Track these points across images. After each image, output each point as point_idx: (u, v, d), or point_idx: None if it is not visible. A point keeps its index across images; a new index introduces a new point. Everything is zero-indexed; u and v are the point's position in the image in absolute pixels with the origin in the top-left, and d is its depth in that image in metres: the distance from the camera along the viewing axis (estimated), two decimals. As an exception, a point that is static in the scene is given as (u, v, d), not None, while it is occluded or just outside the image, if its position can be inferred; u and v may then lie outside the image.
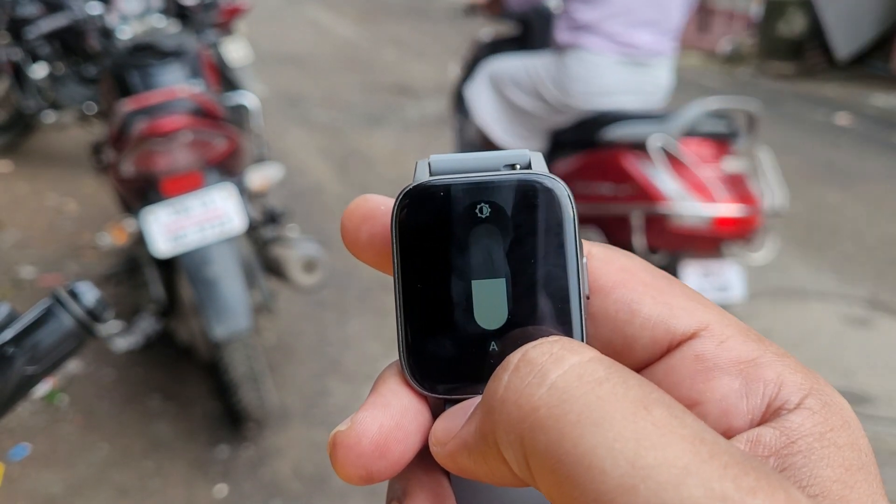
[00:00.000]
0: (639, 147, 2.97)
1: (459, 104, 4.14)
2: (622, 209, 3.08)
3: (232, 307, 2.58)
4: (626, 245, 2.99)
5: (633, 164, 3.00)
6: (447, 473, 0.36)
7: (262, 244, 3.11)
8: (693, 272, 3.09)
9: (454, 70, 4.67)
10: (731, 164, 3.02)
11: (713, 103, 3.03)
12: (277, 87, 8.39)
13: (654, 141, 2.90)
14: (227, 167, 2.81)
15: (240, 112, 3.36)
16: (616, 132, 3.09)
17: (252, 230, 2.99)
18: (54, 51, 3.95)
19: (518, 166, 0.37)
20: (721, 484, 0.23)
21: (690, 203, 2.88)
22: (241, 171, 2.98)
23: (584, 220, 3.15)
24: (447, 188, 0.35)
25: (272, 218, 3.25)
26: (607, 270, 0.36)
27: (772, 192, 2.99)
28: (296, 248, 3.06)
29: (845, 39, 9.61)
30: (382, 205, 0.38)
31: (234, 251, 2.71)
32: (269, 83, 8.09)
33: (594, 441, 0.24)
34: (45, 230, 4.69)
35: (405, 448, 0.34)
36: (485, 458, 0.30)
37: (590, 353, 0.28)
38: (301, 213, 4.82)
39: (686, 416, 0.25)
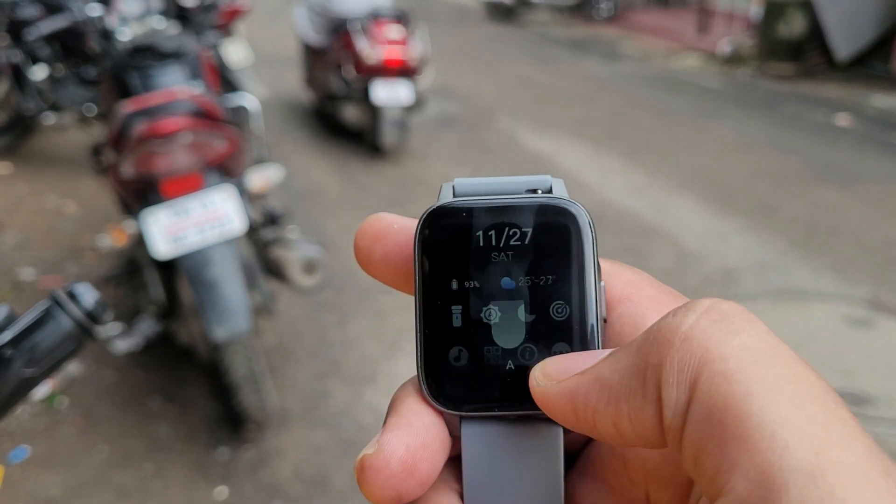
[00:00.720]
0: (354, 25, 6.06)
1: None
2: (347, 56, 6.14)
3: (232, 309, 2.58)
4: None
5: (351, 34, 6.05)
6: (458, 484, 0.36)
7: (262, 246, 3.10)
8: (381, 86, 5.89)
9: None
10: (399, 32, 5.98)
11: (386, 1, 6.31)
12: (277, 89, 8.39)
13: (356, 22, 6.08)
14: (227, 168, 2.80)
15: (240, 113, 3.36)
16: (349, 22, 6.15)
17: (252, 232, 2.99)
18: (54, 52, 3.93)
19: (540, 191, 0.38)
20: (893, 502, 0.23)
21: (372, 50, 5.89)
22: (241, 172, 2.98)
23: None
24: (470, 210, 0.36)
25: (272, 219, 3.25)
26: (614, 284, 0.37)
27: (424, 46, 6.22)
28: (296, 250, 3.06)
29: (845, 40, 9.61)
30: (395, 223, 0.38)
31: (234, 253, 2.70)
32: (269, 85, 8.09)
33: (786, 414, 0.24)
34: (45, 232, 4.69)
35: (432, 465, 0.34)
36: (628, 395, 0.29)
37: (767, 328, 0.28)
38: (301, 215, 4.82)
39: (861, 426, 0.25)
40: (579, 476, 0.38)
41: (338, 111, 6.89)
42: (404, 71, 5.96)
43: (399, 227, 0.38)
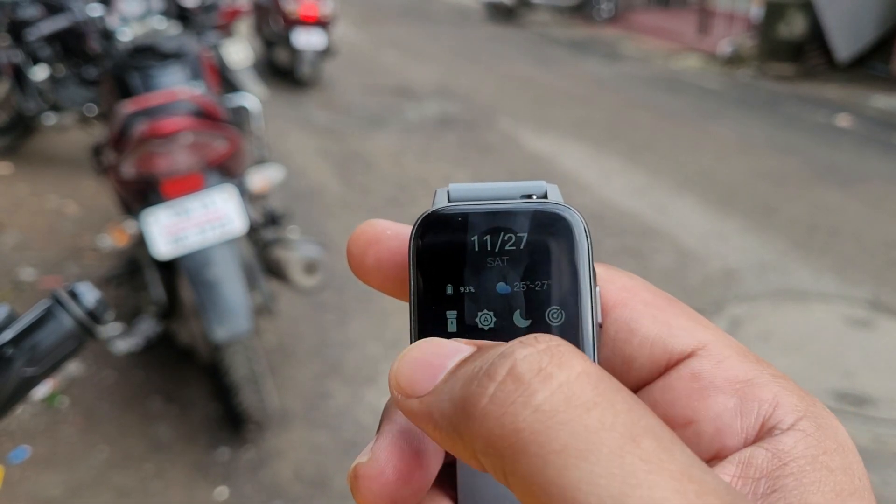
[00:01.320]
0: None
1: None
2: (277, 10, 7.90)
3: (232, 309, 2.58)
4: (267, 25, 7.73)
5: None
6: (451, 489, 0.36)
7: (262, 246, 3.10)
8: (299, 34, 7.98)
9: None
10: None
11: None
12: (278, 89, 8.39)
13: None
14: (227, 169, 2.80)
15: (240, 114, 3.36)
16: None
17: (252, 232, 2.99)
18: (55, 53, 3.94)
19: (535, 196, 0.38)
20: None
21: (293, 6, 7.94)
22: (242, 172, 2.98)
23: None
24: (465, 215, 0.36)
25: (273, 220, 3.25)
26: (608, 289, 0.37)
27: (333, 5, 8.33)
28: (296, 250, 3.06)
29: (846, 41, 9.61)
30: (388, 229, 0.38)
31: (235, 253, 2.71)
32: (270, 85, 8.09)
33: (578, 475, 0.24)
34: (46, 232, 4.69)
35: (427, 472, 0.33)
36: (453, 446, 0.29)
37: (579, 367, 0.27)
38: (302, 215, 4.82)
39: (675, 448, 0.25)
40: None
41: (272, 54, 9.10)
42: (317, 22, 8.24)
43: (392, 234, 0.38)
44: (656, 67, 10.76)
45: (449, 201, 0.37)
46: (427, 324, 0.36)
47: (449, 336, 0.35)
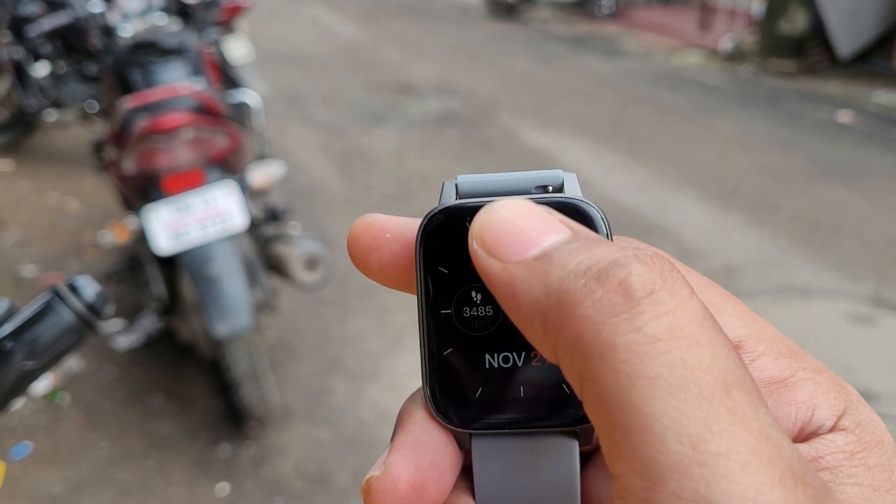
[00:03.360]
0: None
1: None
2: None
3: (233, 305, 2.58)
4: None
5: None
6: (471, 493, 0.35)
7: (263, 242, 3.10)
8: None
9: None
10: None
11: None
12: (279, 86, 8.39)
13: None
14: (228, 165, 2.80)
15: (241, 110, 3.36)
16: None
17: (253, 228, 2.99)
18: (56, 49, 3.94)
19: (550, 188, 0.35)
20: (771, 492, 0.22)
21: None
22: (243, 168, 2.98)
23: None
24: (474, 211, 0.32)
25: (274, 216, 3.25)
26: None
27: None
28: (297, 246, 3.06)
29: (847, 37, 9.60)
30: (387, 231, 0.36)
31: (236, 249, 2.70)
32: (271, 82, 8.09)
33: (663, 408, 0.24)
34: (47, 229, 4.69)
35: (442, 486, 0.33)
36: (527, 325, 0.28)
37: (688, 299, 0.26)
38: (303, 211, 4.82)
39: (761, 406, 0.24)
40: (596, 470, 0.36)
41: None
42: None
43: (392, 237, 0.36)
44: (657, 64, 10.75)
45: (457, 195, 0.35)
46: (437, 332, 0.34)
47: (461, 344, 0.34)
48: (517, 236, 0.29)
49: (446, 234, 0.34)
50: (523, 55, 11.14)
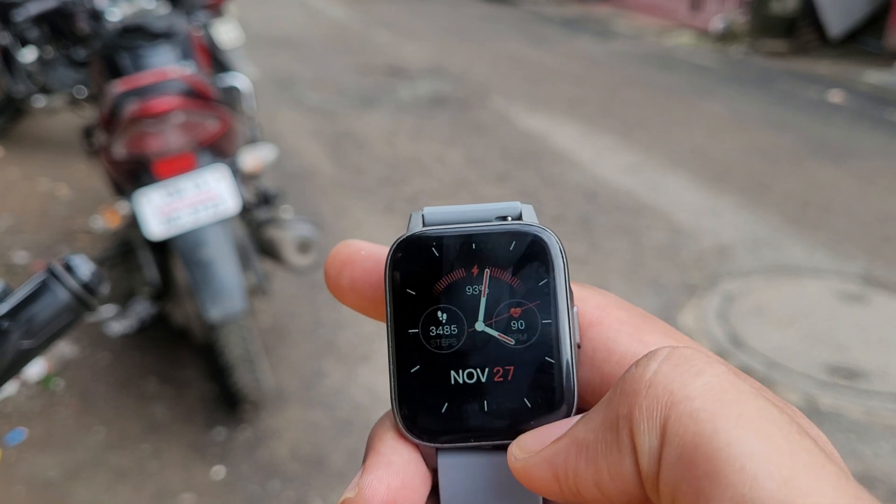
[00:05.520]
0: None
1: None
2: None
3: (226, 289, 2.58)
4: None
5: None
6: None
7: (255, 226, 3.10)
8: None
9: None
10: None
11: None
12: (269, 70, 8.35)
13: None
14: (219, 148, 2.79)
15: (232, 94, 3.34)
16: None
17: (245, 212, 2.98)
18: (43, 34, 3.90)
19: (510, 217, 0.37)
20: None
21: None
22: (234, 152, 2.97)
23: None
24: (440, 239, 0.36)
25: (266, 199, 3.24)
26: (583, 309, 0.37)
27: None
28: (290, 230, 3.05)
29: (838, 17, 9.59)
30: (363, 249, 0.39)
31: (228, 233, 2.70)
32: (261, 65, 8.05)
33: (753, 448, 0.25)
34: (38, 215, 4.67)
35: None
36: (605, 451, 0.29)
37: (725, 365, 0.29)
38: (294, 195, 4.81)
39: (826, 453, 0.26)
40: None
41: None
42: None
43: (366, 254, 0.38)
44: (649, 45, 10.72)
45: (424, 225, 0.37)
46: (405, 349, 0.36)
47: (427, 361, 0.36)
48: (546, 428, 0.34)
49: (414, 259, 0.36)
50: (514, 37, 11.10)
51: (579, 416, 0.32)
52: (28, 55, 4.06)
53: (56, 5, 3.54)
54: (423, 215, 0.38)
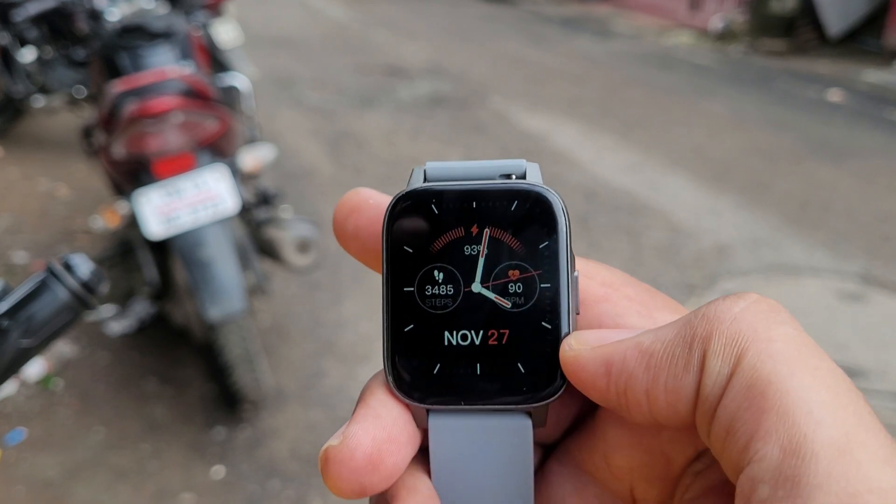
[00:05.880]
0: None
1: None
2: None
3: (226, 289, 2.58)
4: None
5: None
6: (429, 473, 0.36)
7: (255, 225, 3.10)
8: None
9: None
10: None
11: None
12: (268, 69, 8.35)
13: None
14: (219, 148, 2.79)
15: (231, 93, 3.34)
16: None
17: (245, 212, 2.98)
18: (42, 34, 3.90)
19: (514, 176, 0.37)
20: None
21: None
22: (234, 152, 2.97)
23: None
24: (440, 194, 0.35)
25: (265, 199, 3.24)
26: (589, 285, 0.37)
27: None
28: (289, 230, 3.05)
29: (837, 16, 9.59)
30: (371, 198, 0.38)
31: (228, 233, 2.70)
32: (260, 65, 8.04)
33: (823, 397, 0.27)
34: (37, 215, 4.67)
35: (398, 460, 0.34)
36: (669, 363, 0.30)
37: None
38: (294, 195, 4.81)
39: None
40: (559, 466, 0.38)
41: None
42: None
43: (374, 203, 0.38)
44: (648, 44, 10.73)
45: (426, 180, 0.37)
46: (399, 307, 0.35)
47: (420, 319, 0.35)
48: (611, 331, 0.35)
49: (412, 215, 0.35)
50: (514, 36, 11.10)
51: (644, 329, 0.33)
52: (27, 55, 4.06)
53: (55, 5, 3.54)
54: (424, 170, 0.37)
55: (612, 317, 0.35)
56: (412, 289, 0.35)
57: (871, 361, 3.24)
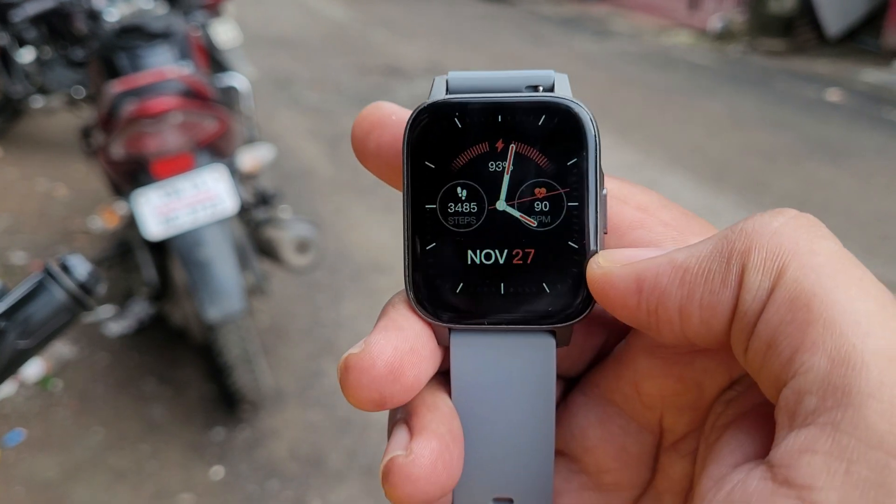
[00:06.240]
0: None
1: None
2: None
3: (225, 289, 2.57)
4: None
5: None
6: (449, 393, 0.35)
7: (254, 226, 3.10)
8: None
9: None
10: None
11: None
12: (267, 69, 8.34)
13: None
14: (217, 148, 2.79)
15: (230, 94, 3.34)
16: None
17: (244, 212, 2.98)
18: (41, 35, 3.89)
19: (541, 88, 0.35)
20: None
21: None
22: (232, 152, 2.96)
23: None
24: (464, 107, 0.34)
25: (264, 199, 3.24)
26: (623, 210, 0.35)
27: None
28: (288, 230, 3.05)
29: (836, 16, 9.59)
30: (394, 114, 0.37)
31: (227, 233, 2.70)
32: (259, 65, 8.04)
33: (870, 308, 0.26)
34: (36, 215, 4.67)
35: (419, 372, 0.33)
36: (706, 278, 0.30)
37: None
38: (293, 195, 4.81)
39: None
40: (583, 397, 0.37)
41: None
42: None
43: (397, 119, 0.36)
44: (647, 44, 10.73)
45: (448, 92, 0.35)
46: (421, 223, 0.34)
47: (443, 237, 0.34)
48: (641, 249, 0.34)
49: (434, 129, 0.34)
50: (512, 36, 11.10)
51: (676, 247, 0.32)
52: (26, 55, 4.05)
53: (54, 5, 3.54)
54: (447, 80, 0.36)
55: (646, 244, 0.34)
56: (434, 206, 0.34)
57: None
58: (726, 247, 0.30)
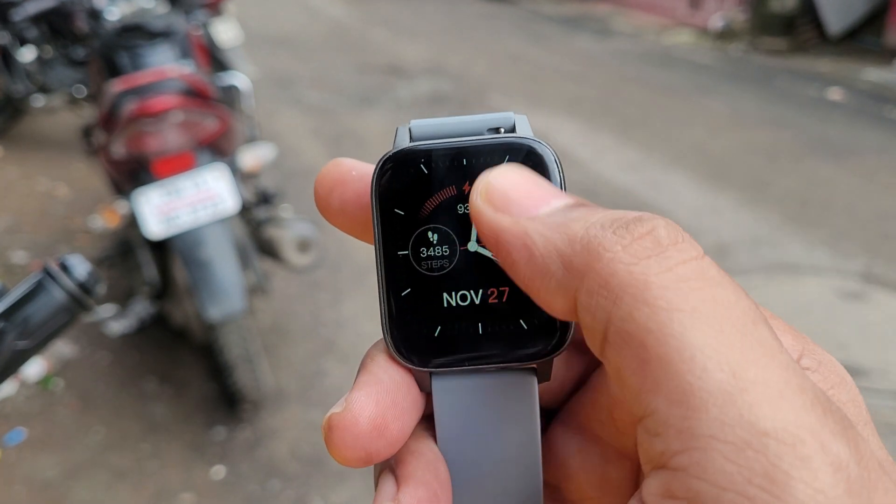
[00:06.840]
0: None
1: None
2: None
3: (226, 289, 2.57)
4: None
5: None
6: (434, 438, 0.35)
7: (255, 225, 3.09)
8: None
9: None
10: None
11: None
12: (268, 69, 8.34)
13: None
14: (218, 148, 2.79)
15: (231, 93, 3.34)
16: None
17: (245, 211, 2.98)
18: (42, 34, 3.89)
19: (503, 129, 0.35)
20: (808, 417, 0.24)
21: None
22: (233, 151, 2.96)
23: None
24: (428, 153, 0.34)
25: (265, 198, 3.24)
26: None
27: None
28: (289, 229, 3.05)
29: (837, 15, 9.58)
30: (353, 169, 0.37)
31: (228, 232, 2.69)
32: (260, 64, 8.04)
33: (703, 338, 0.25)
34: (37, 215, 4.67)
35: (402, 424, 0.33)
36: (543, 273, 0.29)
37: (702, 251, 0.28)
38: (294, 194, 4.80)
39: (781, 344, 0.26)
40: (563, 427, 0.37)
41: None
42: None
43: (358, 174, 0.36)
44: (648, 43, 10.72)
45: (411, 139, 0.36)
46: (393, 271, 0.35)
47: (417, 283, 0.34)
48: (527, 196, 0.31)
49: (401, 177, 0.34)
50: (513, 35, 11.10)
51: (563, 201, 0.31)
52: (27, 54, 4.05)
53: (55, 4, 3.54)
54: (409, 129, 0.36)
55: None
56: (406, 252, 0.34)
57: (872, 360, 3.23)
58: (567, 251, 0.28)
